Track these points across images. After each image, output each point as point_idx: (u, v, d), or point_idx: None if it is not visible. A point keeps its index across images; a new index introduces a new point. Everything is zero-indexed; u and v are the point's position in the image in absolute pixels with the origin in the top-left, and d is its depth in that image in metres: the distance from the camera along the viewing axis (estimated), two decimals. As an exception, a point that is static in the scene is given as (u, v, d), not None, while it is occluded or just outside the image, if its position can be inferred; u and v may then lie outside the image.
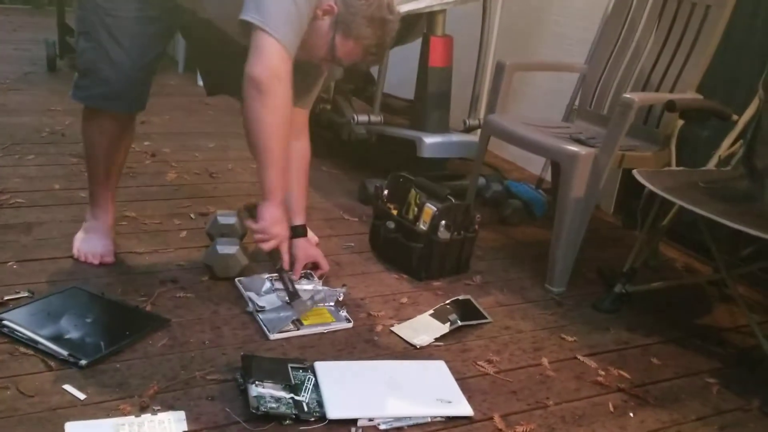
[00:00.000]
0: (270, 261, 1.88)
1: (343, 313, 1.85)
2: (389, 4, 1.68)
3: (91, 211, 2.03)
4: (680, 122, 2.24)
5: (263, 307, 1.82)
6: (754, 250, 2.10)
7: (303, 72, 1.85)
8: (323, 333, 1.77)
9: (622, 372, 1.77)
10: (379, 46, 1.70)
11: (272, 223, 1.74)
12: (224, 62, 1.96)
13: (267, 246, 1.76)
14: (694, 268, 2.48)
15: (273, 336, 1.72)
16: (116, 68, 1.79)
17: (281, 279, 1.86)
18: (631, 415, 1.61)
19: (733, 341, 2.01)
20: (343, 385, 1.54)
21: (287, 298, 1.82)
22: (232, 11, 1.62)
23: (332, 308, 1.86)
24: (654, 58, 2.39)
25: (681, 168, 2.15)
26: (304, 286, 1.94)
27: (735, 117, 2.11)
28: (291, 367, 1.56)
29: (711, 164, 2.13)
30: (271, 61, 1.57)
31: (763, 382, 1.78)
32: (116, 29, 1.77)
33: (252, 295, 1.87)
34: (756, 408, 1.69)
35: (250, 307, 1.83)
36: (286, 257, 1.83)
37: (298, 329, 1.76)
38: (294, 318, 1.77)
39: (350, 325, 1.81)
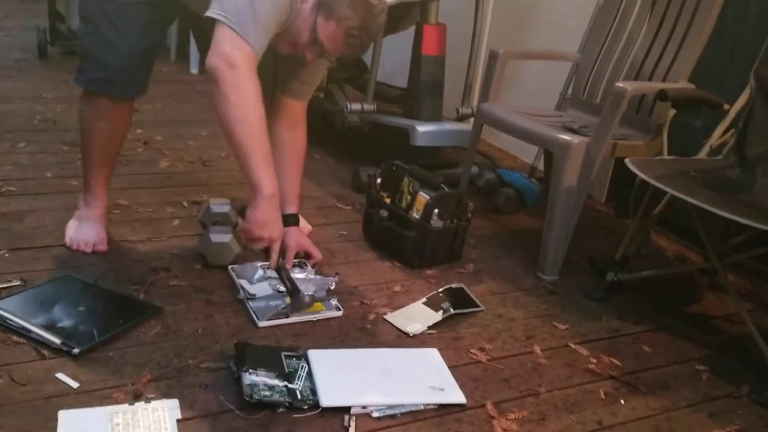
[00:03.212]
0: (266, 258, 1.83)
1: (334, 302, 1.85)
2: None
3: (84, 198, 2.02)
4: (672, 111, 2.25)
5: (254, 294, 1.82)
6: (744, 238, 2.11)
7: (297, 63, 1.84)
8: (316, 321, 1.77)
9: (613, 359, 1.78)
10: (362, 28, 1.65)
11: (258, 225, 1.69)
12: None
13: (256, 247, 1.75)
14: (685, 257, 2.49)
15: (261, 323, 1.72)
16: (114, 53, 1.79)
17: (279, 277, 1.83)
18: (622, 402, 1.63)
19: (723, 329, 2.03)
20: (337, 373, 1.55)
21: (287, 294, 1.81)
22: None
23: (323, 296, 1.86)
24: (646, 47, 2.39)
25: (673, 157, 2.16)
26: (297, 275, 1.95)
27: (726, 106, 2.11)
28: (284, 355, 1.56)
29: (702, 153, 2.14)
30: (223, 50, 1.55)
31: (752, 370, 1.80)
32: (115, 14, 1.76)
33: (244, 282, 1.87)
34: (745, 395, 1.70)
35: (241, 295, 1.83)
36: (274, 257, 1.77)
37: (287, 316, 1.76)
38: (286, 310, 1.76)
39: (340, 313, 1.82)
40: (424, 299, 1.93)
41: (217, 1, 1.58)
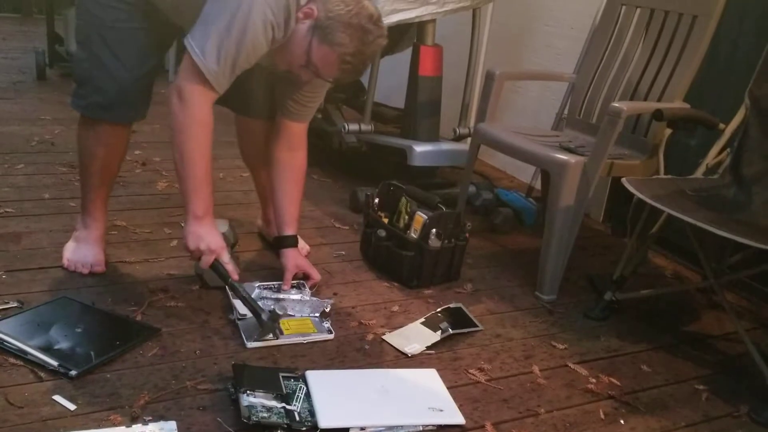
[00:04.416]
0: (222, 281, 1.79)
1: (326, 324, 1.83)
2: (373, 16, 1.65)
3: (82, 220, 2.02)
4: (668, 131, 2.26)
5: (244, 315, 1.81)
6: (741, 257, 2.11)
7: (297, 86, 1.85)
8: (314, 342, 1.77)
9: (612, 379, 1.78)
10: (356, 55, 1.65)
11: (193, 237, 1.71)
12: None
13: (202, 264, 1.75)
14: (682, 276, 2.50)
15: (249, 344, 1.71)
16: (112, 78, 1.79)
17: (238, 298, 1.77)
18: (622, 422, 1.62)
19: (722, 348, 2.03)
20: (335, 394, 1.54)
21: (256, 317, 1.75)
22: None
23: (316, 319, 1.85)
24: (642, 67, 2.41)
25: (669, 176, 2.17)
26: (292, 296, 1.94)
27: (722, 126, 2.13)
28: (282, 377, 1.56)
29: (699, 172, 2.15)
30: (179, 80, 1.65)
31: (751, 389, 1.79)
32: (111, 40, 1.77)
33: (238, 302, 1.85)
34: (744, 414, 1.70)
35: (234, 315, 1.82)
36: (229, 267, 1.76)
37: (276, 338, 1.74)
38: (261, 335, 1.73)
39: (331, 336, 1.80)
40: (423, 319, 1.93)
41: (194, 29, 1.62)
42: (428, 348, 1.80)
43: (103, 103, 1.82)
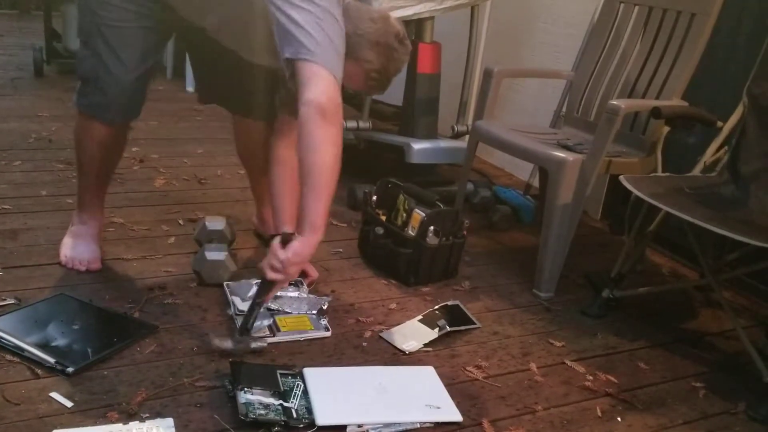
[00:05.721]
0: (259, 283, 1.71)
1: (323, 322, 1.83)
2: (399, 33, 1.67)
3: (79, 216, 2.02)
4: (666, 128, 2.26)
5: (243, 311, 1.80)
6: (739, 255, 2.11)
7: None
8: (309, 339, 1.76)
9: (609, 377, 1.78)
10: (382, 72, 1.68)
11: (299, 261, 1.58)
12: (220, 73, 1.96)
13: (273, 276, 1.59)
14: (680, 274, 2.50)
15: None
16: (114, 78, 1.79)
17: (250, 308, 1.68)
18: (619, 419, 1.62)
19: (719, 346, 2.03)
20: (332, 392, 1.54)
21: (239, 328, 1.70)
22: (237, 29, 1.62)
23: (313, 316, 1.85)
24: (640, 65, 2.41)
25: (667, 174, 2.17)
26: (290, 293, 1.94)
27: (720, 123, 2.13)
28: (280, 374, 1.56)
29: (696, 170, 2.15)
30: (332, 91, 1.53)
31: (748, 386, 1.79)
32: (113, 39, 1.76)
33: (236, 299, 1.86)
34: (742, 411, 1.70)
35: (232, 310, 1.82)
36: (273, 294, 1.68)
37: (273, 335, 1.74)
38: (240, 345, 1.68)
39: (328, 334, 1.80)
40: (420, 317, 1.93)
41: (298, 42, 1.51)
42: (426, 345, 1.81)
43: (103, 102, 1.82)
